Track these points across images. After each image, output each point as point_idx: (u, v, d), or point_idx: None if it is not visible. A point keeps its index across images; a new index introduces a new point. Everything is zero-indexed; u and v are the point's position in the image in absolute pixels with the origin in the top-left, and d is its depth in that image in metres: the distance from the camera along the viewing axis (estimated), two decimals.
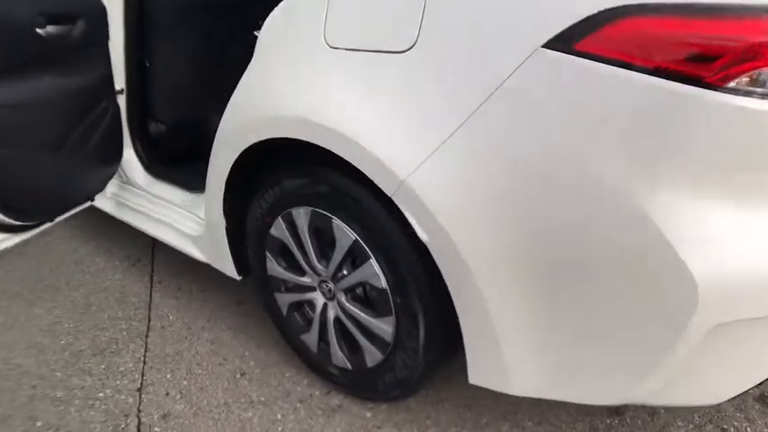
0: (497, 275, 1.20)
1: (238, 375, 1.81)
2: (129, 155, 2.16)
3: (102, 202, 2.23)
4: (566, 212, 1.10)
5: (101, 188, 2.08)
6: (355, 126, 1.27)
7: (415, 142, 1.21)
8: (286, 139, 1.43)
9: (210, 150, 2.23)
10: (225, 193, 1.68)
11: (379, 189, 1.28)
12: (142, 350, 1.92)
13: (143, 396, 1.74)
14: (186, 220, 2.01)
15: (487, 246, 1.19)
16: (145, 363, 1.87)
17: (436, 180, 1.19)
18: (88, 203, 2.10)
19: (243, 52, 2.26)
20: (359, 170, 1.30)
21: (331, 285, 1.56)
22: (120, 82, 2.02)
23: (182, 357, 1.89)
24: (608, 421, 1.63)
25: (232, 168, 1.62)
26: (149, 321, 2.05)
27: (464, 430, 1.60)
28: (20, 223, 1.84)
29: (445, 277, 1.26)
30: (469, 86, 1.14)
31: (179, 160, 2.28)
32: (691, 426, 1.61)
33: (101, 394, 1.75)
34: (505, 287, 1.21)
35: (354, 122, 1.28)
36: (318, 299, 1.62)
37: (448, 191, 1.19)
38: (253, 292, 2.10)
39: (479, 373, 1.35)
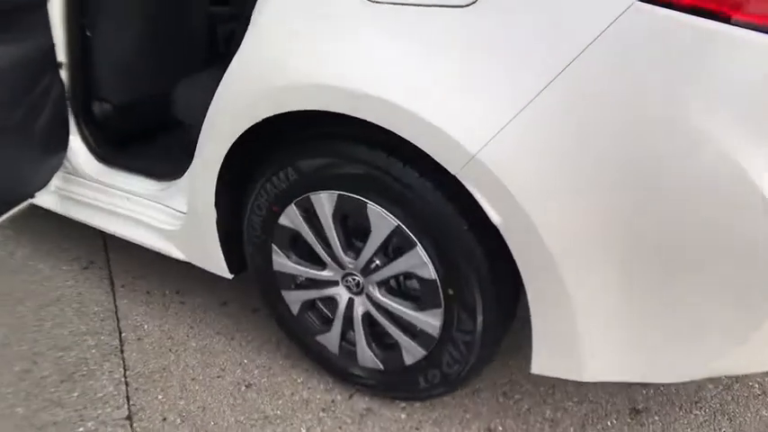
0: (581, 257, 1.08)
1: (243, 387, 1.59)
2: (74, 141, 1.83)
3: (43, 197, 1.88)
4: (664, 182, 0.99)
5: (46, 181, 1.75)
6: (411, 95, 1.08)
7: (486, 111, 1.04)
8: (293, 113, 1.22)
9: (172, 133, 1.94)
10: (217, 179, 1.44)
11: (433, 167, 1.12)
12: (120, 369, 1.64)
13: (135, 425, 1.48)
14: (157, 213, 1.72)
15: (573, 225, 1.05)
16: (127, 384, 1.60)
17: (514, 153, 1.04)
18: (29, 201, 1.77)
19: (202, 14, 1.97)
20: (404, 146, 1.12)
21: (359, 278, 1.38)
22: (60, 54, 1.69)
23: (170, 373, 1.63)
24: (644, 392, 1.58)
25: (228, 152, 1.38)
26: (121, 334, 1.77)
27: (507, 419, 1.49)
28: None
29: (519, 263, 1.12)
30: (551, 45, 0.99)
31: (133, 145, 1.96)
32: (720, 386, 1.60)
33: (81, 429, 1.47)
34: (589, 268, 1.08)
35: (409, 90, 1.08)
36: (342, 294, 1.43)
37: (528, 165, 1.04)
38: (239, 290, 1.88)
39: (547, 362, 1.23)
